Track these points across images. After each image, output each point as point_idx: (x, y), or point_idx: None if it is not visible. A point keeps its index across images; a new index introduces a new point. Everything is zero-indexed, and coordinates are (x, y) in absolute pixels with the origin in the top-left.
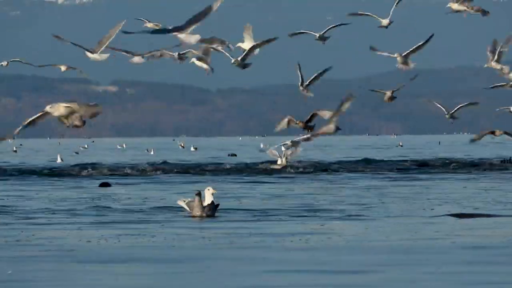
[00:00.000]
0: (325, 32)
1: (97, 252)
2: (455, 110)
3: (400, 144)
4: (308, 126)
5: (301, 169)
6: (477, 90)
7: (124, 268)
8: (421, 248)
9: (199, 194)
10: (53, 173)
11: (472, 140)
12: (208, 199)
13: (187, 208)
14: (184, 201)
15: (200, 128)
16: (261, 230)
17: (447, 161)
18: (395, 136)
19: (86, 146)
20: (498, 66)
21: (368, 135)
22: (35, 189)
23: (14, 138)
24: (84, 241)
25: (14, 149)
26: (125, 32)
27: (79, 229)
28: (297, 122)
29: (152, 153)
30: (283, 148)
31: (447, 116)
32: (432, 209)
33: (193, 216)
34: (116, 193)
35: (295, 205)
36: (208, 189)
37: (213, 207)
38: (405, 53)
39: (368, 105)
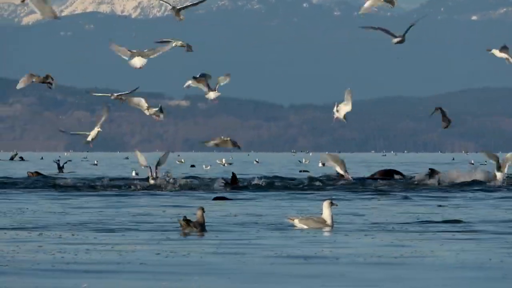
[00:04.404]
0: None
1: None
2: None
3: (472, 162)
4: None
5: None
6: None
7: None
8: None
9: (201, 208)
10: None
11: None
12: (326, 212)
13: (301, 226)
14: (292, 220)
15: (273, 143)
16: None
17: None
18: (467, 154)
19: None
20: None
21: (440, 152)
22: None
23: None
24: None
25: (91, 161)
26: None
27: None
28: None
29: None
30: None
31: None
32: None
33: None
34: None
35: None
36: (329, 201)
37: (203, 223)
38: None
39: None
